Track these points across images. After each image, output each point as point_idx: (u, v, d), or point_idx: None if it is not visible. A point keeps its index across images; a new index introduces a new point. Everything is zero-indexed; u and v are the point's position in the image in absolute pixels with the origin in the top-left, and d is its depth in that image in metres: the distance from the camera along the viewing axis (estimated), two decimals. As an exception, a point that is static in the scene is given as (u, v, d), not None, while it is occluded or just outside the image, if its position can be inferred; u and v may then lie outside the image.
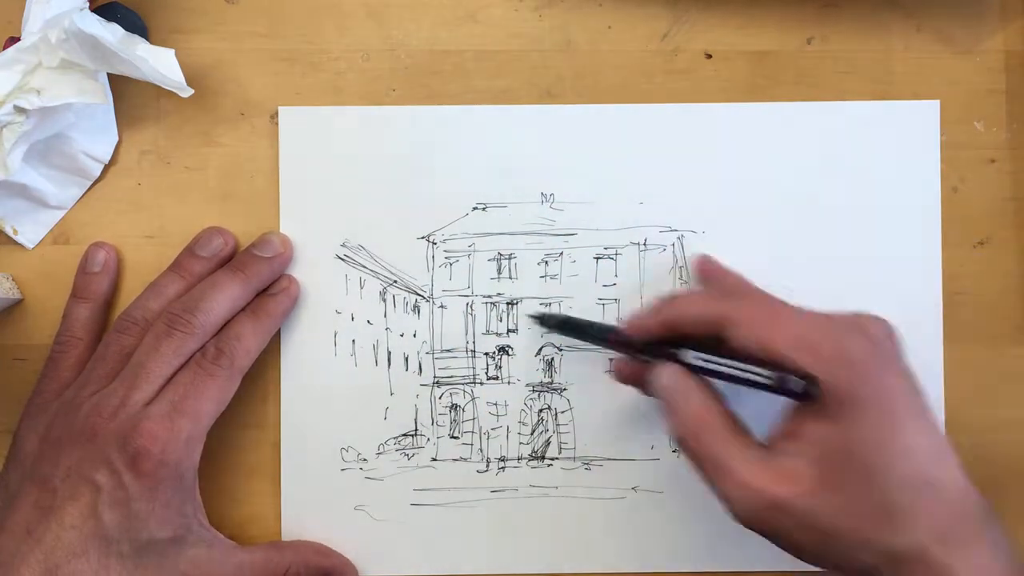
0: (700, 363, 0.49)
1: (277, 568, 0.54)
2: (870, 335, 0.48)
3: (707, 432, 0.48)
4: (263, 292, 0.56)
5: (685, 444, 0.49)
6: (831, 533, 0.46)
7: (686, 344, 0.50)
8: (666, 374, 0.50)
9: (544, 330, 0.57)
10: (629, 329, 0.52)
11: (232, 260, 0.56)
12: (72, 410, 0.52)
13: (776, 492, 0.46)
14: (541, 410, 0.58)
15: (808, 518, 0.46)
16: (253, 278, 0.55)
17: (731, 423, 0.49)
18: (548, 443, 0.58)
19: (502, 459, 0.57)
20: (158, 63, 0.54)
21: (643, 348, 0.52)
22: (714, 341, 0.49)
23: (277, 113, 0.57)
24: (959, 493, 0.47)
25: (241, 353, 0.53)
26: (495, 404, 0.58)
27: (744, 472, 0.47)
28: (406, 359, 0.57)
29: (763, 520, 0.47)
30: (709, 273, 0.57)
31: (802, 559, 0.48)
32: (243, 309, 0.55)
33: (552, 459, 0.57)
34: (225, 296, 0.54)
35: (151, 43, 0.55)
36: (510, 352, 0.58)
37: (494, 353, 0.58)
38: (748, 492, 0.47)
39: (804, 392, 0.46)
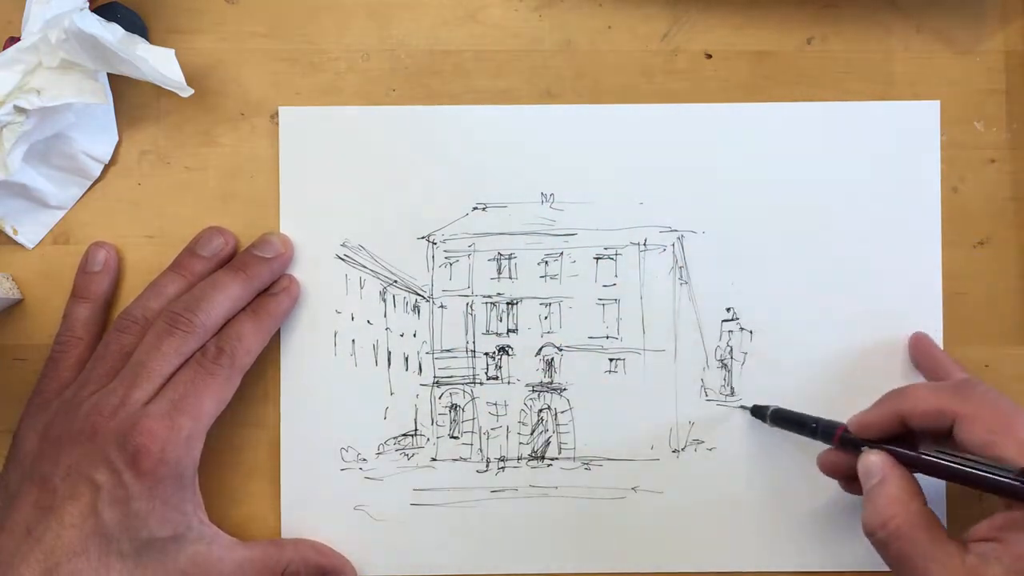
0: (935, 458, 0.48)
1: (276, 565, 0.54)
2: None
3: (903, 525, 0.48)
4: (264, 292, 0.56)
5: (876, 534, 0.48)
6: None
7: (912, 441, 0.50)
8: (872, 458, 0.49)
9: (762, 422, 0.56)
10: (856, 428, 0.52)
11: (233, 260, 0.56)
12: (72, 409, 0.52)
13: None
14: (541, 410, 0.58)
15: None
16: (254, 278, 0.55)
17: (929, 518, 0.48)
18: (548, 443, 0.57)
19: (502, 459, 0.57)
20: (158, 63, 0.54)
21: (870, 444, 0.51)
22: (941, 437, 0.49)
23: (277, 113, 0.57)
24: None
25: (241, 352, 0.54)
26: (495, 404, 0.58)
27: (936, 571, 0.46)
28: (406, 359, 0.57)
29: None
30: (924, 351, 0.56)
31: None
32: (244, 309, 0.55)
33: (552, 459, 0.57)
34: (226, 296, 0.54)
35: (151, 43, 0.55)
36: (510, 352, 0.58)
37: (494, 353, 0.58)
38: None
39: None
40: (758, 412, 0.56)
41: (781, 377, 0.57)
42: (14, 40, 0.53)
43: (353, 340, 0.57)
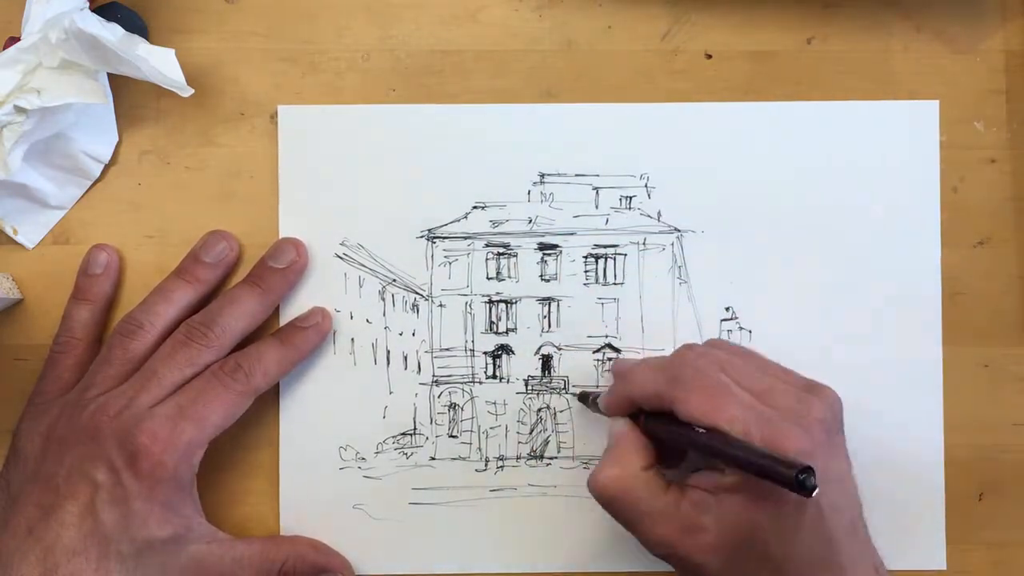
0: (701, 441, 0.48)
1: (273, 562, 0.54)
2: (814, 420, 0.49)
3: (619, 487, 0.50)
4: (296, 322, 0.56)
5: (598, 497, 0.51)
6: None
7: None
8: (615, 425, 0.52)
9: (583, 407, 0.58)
10: (604, 409, 0.54)
11: (249, 273, 0.56)
12: (77, 410, 0.52)
13: (678, 545, 0.49)
14: (540, 409, 0.58)
15: (702, 568, 0.48)
16: (269, 291, 0.56)
17: (646, 478, 0.50)
18: (547, 442, 0.58)
19: (501, 458, 0.57)
20: (158, 63, 0.54)
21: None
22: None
23: (277, 113, 0.57)
24: (858, 571, 0.49)
25: (259, 374, 0.54)
26: (494, 403, 0.58)
27: (652, 524, 0.49)
28: (405, 358, 0.57)
29: (668, 559, 0.50)
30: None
31: None
32: (274, 334, 0.56)
33: (551, 458, 0.57)
34: (243, 311, 0.55)
35: (151, 43, 0.55)
36: (509, 351, 0.58)
37: (493, 352, 0.58)
38: (654, 541, 0.50)
39: (799, 482, 0.44)
40: (583, 398, 0.57)
41: (780, 377, 0.57)
42: (14, 40, 0.54)
43: (352, 339, 0.57)
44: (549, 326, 0.58)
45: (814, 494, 0.44)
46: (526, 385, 0.58)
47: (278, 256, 0.56)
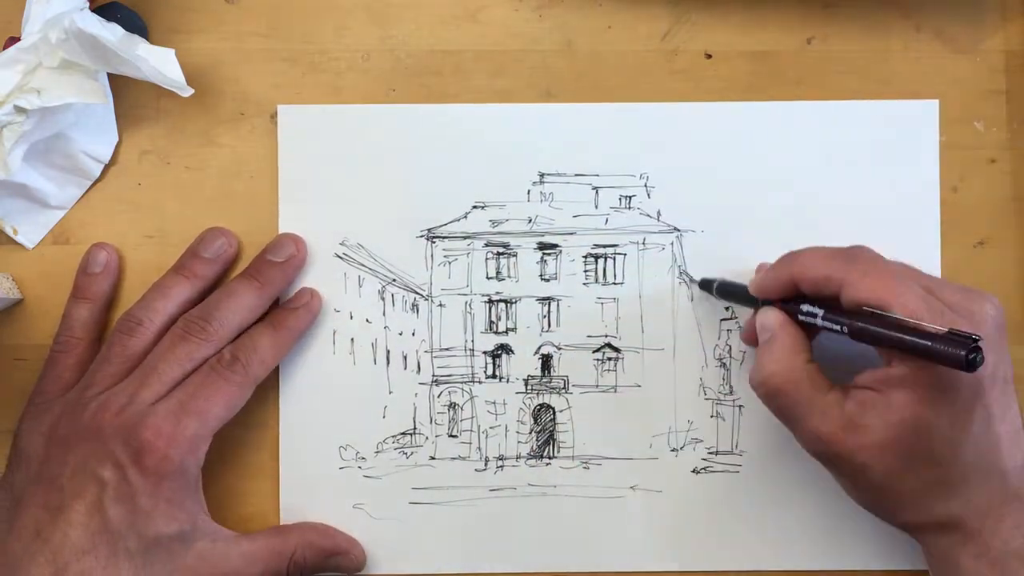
0: (862, 323, 0.48)
1: (282, 554, 0.54)
2: (981, 321, 0.49)
3: (784, 379, 0.50)
4: (285, 304, 0.56)
5: (760, 388, 0.51)
6: (884, 488, 0.49)
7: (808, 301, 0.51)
8: (768, 315, 0.52)
9: (708, 294, 0.57)
10: (754, 290, 0.53)
11: (247, 267, 0.56)
12: (78, 409, 0.52)
13: (841, 443, 0.48)
14: (539, 409, 0.58)
15: (864, 469, 0.48)
16: (267, 285, 0.56)
17: (811, 371, 0.50)
18: (546, 442, 0.58)
19: (501, 458, 0.57)
20: (158, 63, 0.54)
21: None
22: (833, 301, 0.50)
23: (277, 112, 0.57)
24: (1018, 478, 0.49)
25: (256, 363, 0.54)
26: (494, 403, 0.58)
27: (815, 420, 0.49)
28: (405, 358, 0.57)
29: (828, 461, 0.50)
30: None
31: (855, 500, 0.51)
32: (263, 319, 0.56)
33: (551, 458, 0.57)
34: (240, 305, 0.55)
35: (151, 43, 0.55)
36: (509, 351, 0.58)
37: (493, 352, 0.58)
38: (816, 437, 0.49)
39: (968, 359, 0.44)
40: (706, 285, 0.57)
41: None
42: (14, 40, 0.54)
43: (352, 339, 0.57)
44: (549, 326, 0.58)
45: (979, 371, 0.44)
46: (526, 385, 0.58)
47: (277, 250, 0.56)
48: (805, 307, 0.51)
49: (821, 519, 0.57)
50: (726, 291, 0.56)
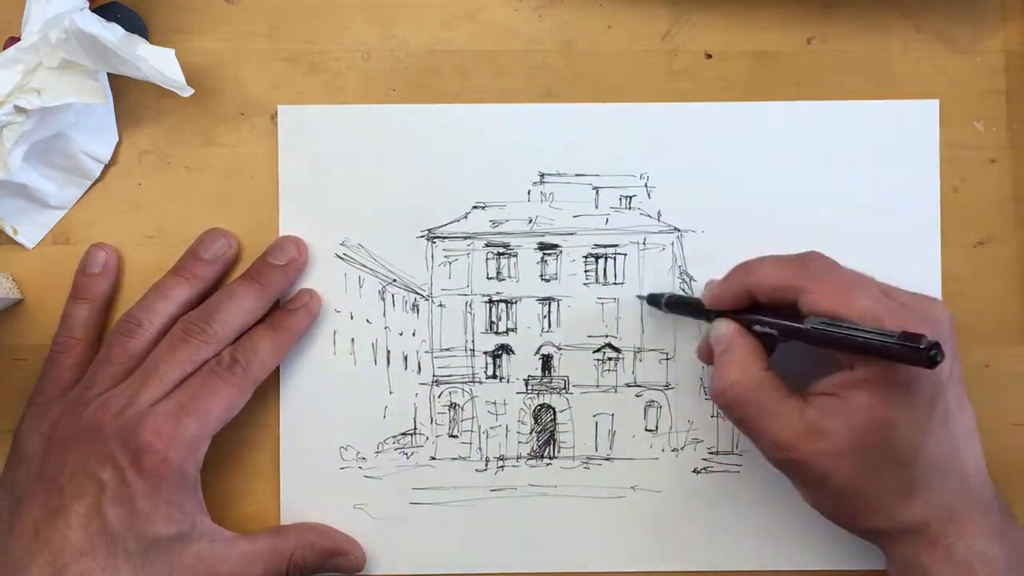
0: (820, 329, 0.48)
1: (282, 554, 0.54)
2: (936, 321, 0.49)
3: (743, 389, 0.50)
4: (284, 305, 0.56)
5: (720, 399, 0.51)
6: (847, 494, 0.49)
7: (761, 312, 0.51)
8: (721, 327, 0.52)
9: (655, 309, 0.57)
10: (708, 302, 0.53)
11: (248, 269, 0.56)
12: (78, 409, 0.52)
13: (802, 449, 0.48)
14: (540, 409, 0.58)
15: (826, 476, 0.48)
16: (268, 287, 0.56)
17: (770, 380, 0.50)
18: (547, 442, 0.58)
19: (501, 458, 0.57)
20: (158, 63, 0.54)
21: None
22: (789, 309, 0.50)
23: (277, 112, 0.57)
24: (977, 481, 0.50)
25: (256, 365, 0.54)
26: (494, 403, 0.58)
27: (776, 428, 0.49)
28: (405, 358, 0.58)
29: (789, 469, 0.50)
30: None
31: (817, 509, 0.52)
32: (262, 321, 0.56)
33: (551, 458, 0.57)
34: (241, 307, 0.55)
35: (151, 43, 0.55)
36: (509, 351, 0.58)
37: (493, 352, 0.58)
38: (776, 444, 0.49)
39: (929, 356, 0.44)
40: (654, 300, 0.57)
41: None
42: (14, 40, 0.54)
43: (352, 339, 0.57)
44: (549, 326, 0.58)
45: (939, 369, 0.44)
46: (526, 385, 0.58)
47: (278, 253, 0.56)
48: (763, 318, 0.51)
49: (821, 519, 0.56)
50: (675, 305, 0.56)
